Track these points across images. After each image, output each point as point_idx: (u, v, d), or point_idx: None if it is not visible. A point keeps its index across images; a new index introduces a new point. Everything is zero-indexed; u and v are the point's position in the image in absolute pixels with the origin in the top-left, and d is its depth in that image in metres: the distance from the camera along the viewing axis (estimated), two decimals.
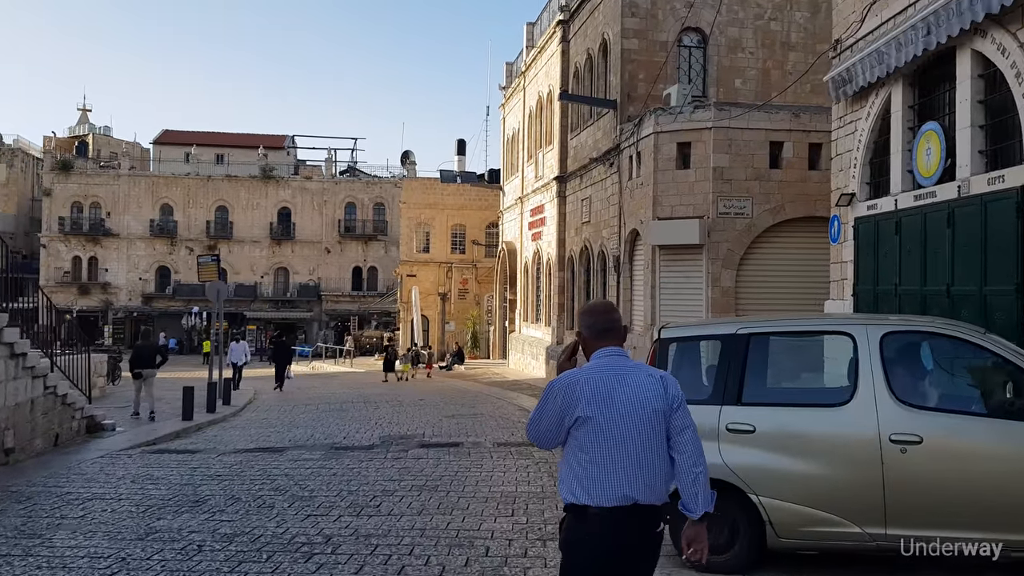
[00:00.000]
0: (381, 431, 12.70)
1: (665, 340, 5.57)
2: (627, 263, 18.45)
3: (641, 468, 2.96)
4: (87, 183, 57.32)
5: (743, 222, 15.97)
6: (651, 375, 3.13)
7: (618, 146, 18.83)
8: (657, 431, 3.00)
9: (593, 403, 2.99)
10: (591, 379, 3.05)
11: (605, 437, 2.97)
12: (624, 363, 3.14)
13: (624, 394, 3.01)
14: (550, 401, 3.09)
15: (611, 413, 2.98)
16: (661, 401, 3.03)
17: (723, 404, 5.20)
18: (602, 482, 2.96)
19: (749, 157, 16.02)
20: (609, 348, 3.17)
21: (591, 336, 3.21)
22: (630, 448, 2.96)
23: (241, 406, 17.79)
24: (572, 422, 3.02)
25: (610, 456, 2.96)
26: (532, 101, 28.51)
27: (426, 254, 39.42)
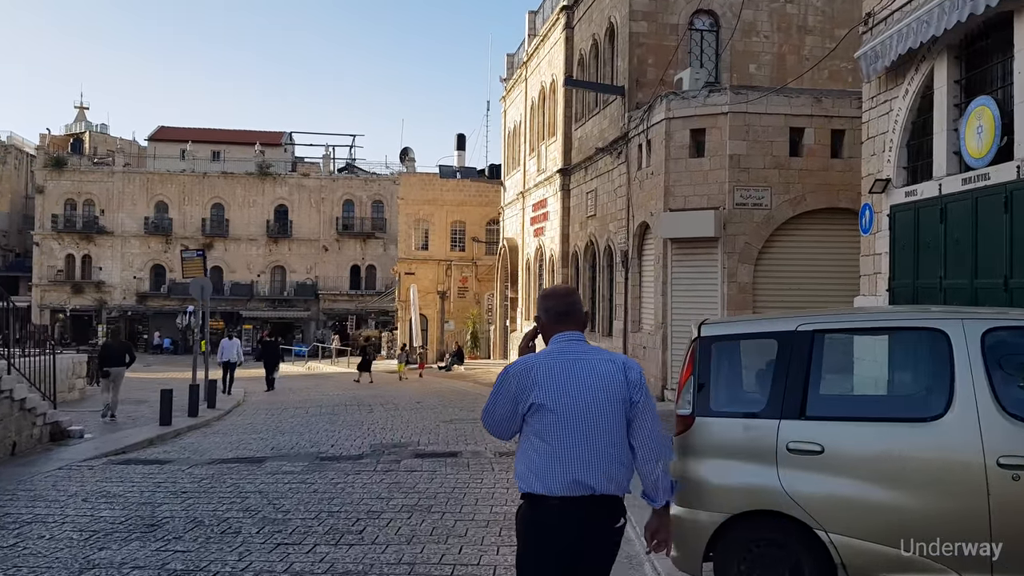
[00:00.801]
0: (373, 438, 11.69)
1: (708, 339, 4.54)
2: (636, 258, 17.44)
3: (599, 456, 2.84)
4: (81, 180, 56.32)
5: (761, 214, 14.95)
6: (611, 360, 2.97)
7: (626, 135, 17.81)
8: (616, 418, 2.87)
9: (548, 389, 2.87)
10: (547, 364, 2.91)
11: (561, 424, 2.85)
12: (582, 348, 2.99)
13: (581, 380, 2.88)
14: (504, 387, 2.96)
15: (567, 399, 2.85)
16: (621, 387, 2.89)
17: (782, 418, 4.18)
18: (557, 471, 2.83)
19: (768, 144, 15.00)
20: (567, 333, 3.02)
21: (549, 320, 3.07)
22: (587, 436, 2.84)
23: (227, 409, 16.79)
24: (527, 409, 2.90)
25: (566, 444, 2.84)
26: (534, 92, 27.49)
27: (425, 251, 38.38)
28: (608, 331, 19.51)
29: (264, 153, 57.98)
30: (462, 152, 40.61)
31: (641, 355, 16.83)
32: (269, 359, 24.13)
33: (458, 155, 40.37)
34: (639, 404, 2.90)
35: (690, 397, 4.41)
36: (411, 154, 55.92)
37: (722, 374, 4.52)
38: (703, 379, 4.40)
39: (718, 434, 4.31)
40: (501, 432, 3.06)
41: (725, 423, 4.32)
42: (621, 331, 17.86)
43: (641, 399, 2.91)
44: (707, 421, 4.33)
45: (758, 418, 4.25)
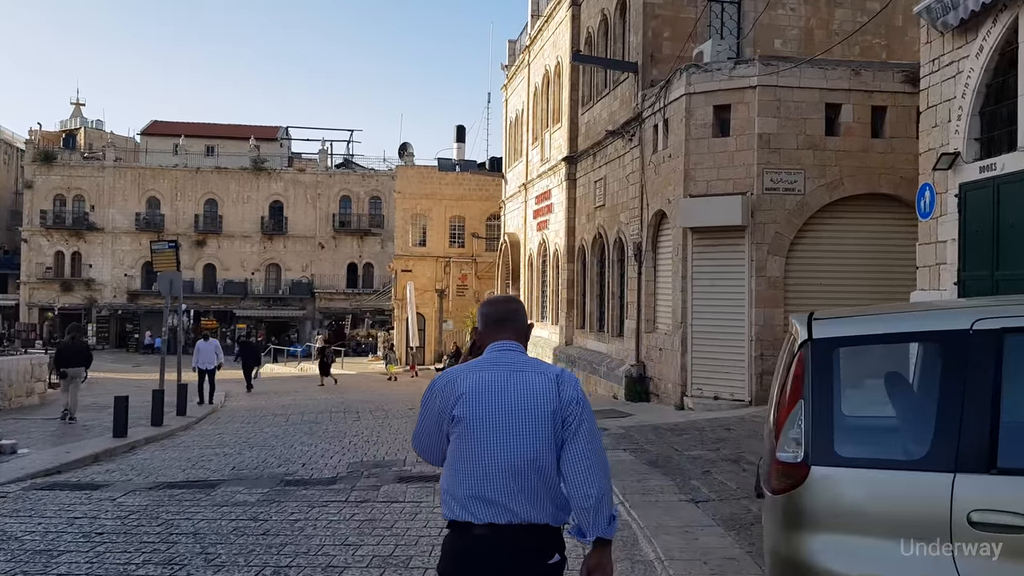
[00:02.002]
0: (353, 454, 10.09)
1: (827, 343, 2.92)
2: (650, 251, 15.82)
3: (523, 480, 2.53)
4: (70, 175, 54.72)
5: (793, 200, 13.34)
6: (544, 373, 2.65)
7: (639, 115, 16.20)
8: (545, 438, 2.57)
9: (470, 401, 2.58)
10: (472, 375, 2.64)
11: (481, 441, 2.56)
12: (515, 358, 2.69)
13: (508, 393, 2.59)
14: (428, 404, 2.70)
15: (488, 413, 2.57)
16: (552, 403, 2.58)
17: (957, 471, 2.57)
18: (478, 494, 2.54)
19: (800, 122, 13.39)
20: (503, 342, 2.73)
21: (484, 328, 2.79)
22: (510, 455, 2.54)
23: (199, 417, 15.19)
24: (450, 425, 2.62)
25: (486, 464, 2.55)
26: (538, 77, 25.87)
27: (422, 248, 36.74)
28: (619, 331, 17.90)
29: (259, 148, 56.36)
30: (462, 144, 39.01)
31: (657, 357, 15.22)
32: (247, 360, 23.53)
33: (457, 147, 38.77)
34: (572, 424, 2.59)
35: (799, 434, 2.80)
36: (410, 149, 54.12)
37: (852, 398, 2.90)
38: (821, 406, 2.78)
39: (849, 495, 2.71)
40: (431, 456, 2.78)
41: (861, 477, 2.71)
42: (633, 331, 16.25)
43: (575, 419, 2.60)
44: (830, 474, 2.72)
45: (916, 471, 2.64)
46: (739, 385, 13.39)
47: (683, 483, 7.82)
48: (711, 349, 13.74)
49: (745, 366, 13.29)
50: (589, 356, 19.05)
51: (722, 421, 11.86)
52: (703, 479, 8.04)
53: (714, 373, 13.64)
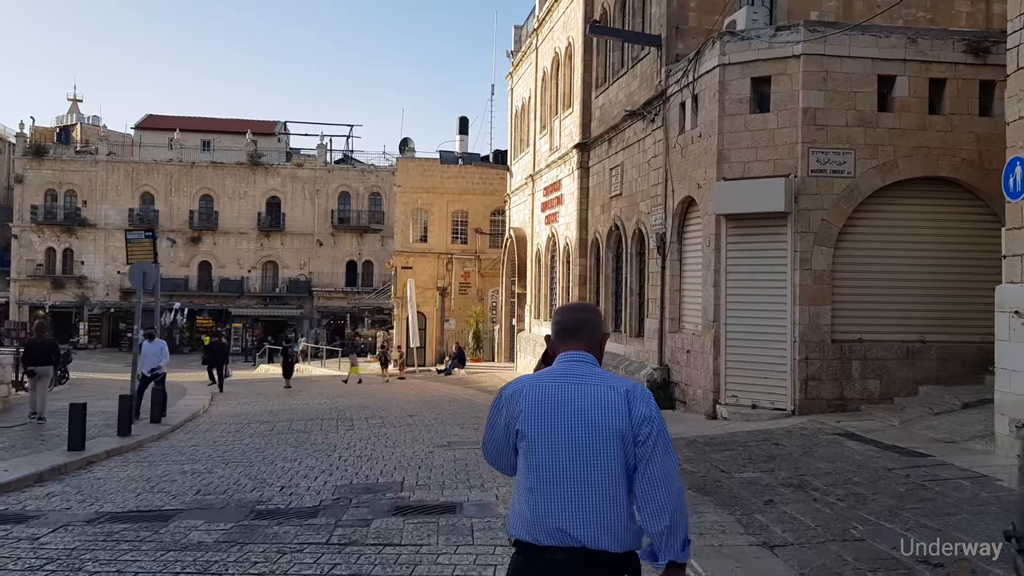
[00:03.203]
0: (342, 474, 8.59)
1: None
2: (675, 242, 14.32)
3: (587, 502, 2.39)
4: (62, 169, 53.29)
5: (842, 183, 11.83)
6: (614, 387, 2.52)
7: (663, 92, 14.69)
8: (613, 457, 2.42)
9: (532, 416, 2.48)
10: (536, 387, 2.54)
11: (543, 459, 2.44)
12: (583, 370, 2.56)
13: (572, 408, 2.46)
14: (496, 413, 2.61)
15: (551, 430, 2.45)
16: (621, 421, 2.44)
17: None
18: (540, 515, 2.41)
19: (850, 96, 11.88)
20: (573, 352, 2.62)
21: (556, 337, 2.70)
22: (572, 476, 2.41)
23: (175, 424, 13.69)
24: (516, 438, 2.52)
25: (546, 483, 2.42)
26: (546, 61, 24.37)
27: (424, 244, 35.22)
28: (638, 332, 16.40)
29: (257, 143, 54.88)
30: (464, 137, 37.45)
31: (683, 361, 13.72)
32: (214, 361, 22.86)
33: (460, 140, 37.21)
34: (646, 444, 2.43)
35: None
36: (411, 144, 52.66)
37: None
38: None
39: None
40: (502, 466, 2.66)
41: None
42: (656, 332, 14.75)
43: (649, 439, 2.43)
44: None
45: None
46: (780, 392, 11.88)
47: (745, 518, 6.33)
48: (748, 351, 12.23)
49: (787, 371, 11.79)
50: (604, 358, 17.52)
51: (766, 434, 10.35)
52: (769, 513, 6.54)
53: (751, 378, 12.13)
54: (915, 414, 11.16)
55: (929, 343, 11.96)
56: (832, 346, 11.72)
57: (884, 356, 11.87)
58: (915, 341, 11.96)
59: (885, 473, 7.99)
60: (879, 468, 8.20)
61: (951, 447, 9.23)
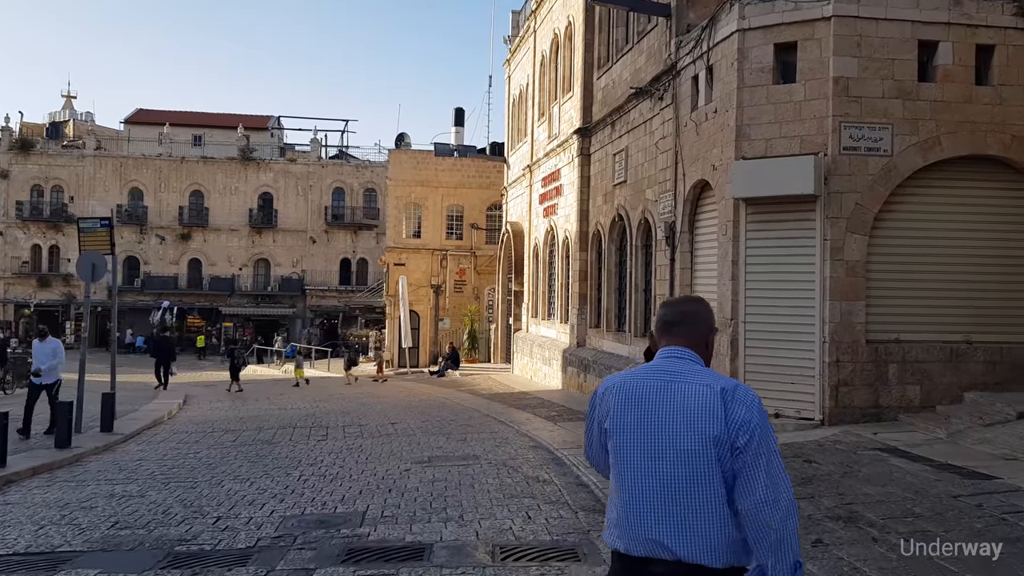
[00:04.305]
0: (295, 500, 7.18)
1: None
2: (687, 232, 12.91)
3: (678, 511, 2.19)
4: (49, 164, 51.84)
5: (878, 162, 10.43)
6: (708, 385, 2.26)
7: (673, 66, 13.30)
8: (707, 464, 2.19)
9: (619, 416, 2.32)
10: (626, 385, 2.36)
11: (630, 462, 2.27)
12: (678, 367, 2.33)
13: (660, 408, 2.26)
14: (591, 412, 2.48)
15: (637, 430, 2.27)
16: (715, 424, 2.19)
17: None
18: (630, 523, 2.24)
19: (887, 64, 10.47)
20: (671, 348, 2.40)
21: (656, 332, 2.50)
22: (662, 482, 2.21)
23: (129, 433, 12.28)
24: (606, 439, 2.37)
25: (635, 489, 2.25)
26: (545, 44, 22.98)
27: (417, 239, 33.78)
28: (643, 330, 14.99)
29: (249, 138, 53.43)
30: (460, 128, 36.14)
31: None
32: (161, 356, 22.25)
33: (455, 132, 35.89)
34: (745, 453, 2.17)
35: None
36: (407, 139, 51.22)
37: None
38: None
39: None
40: (600, 467, 2.49)
41: None
42: None
43: (750, 446, 2.17)
44: None
45: None
46: (807, 400, 10.48)
47: None
48: (770, 353, 10.83)
49: (815, 375, 10.40)
50: (606, 360, 16.14)
51: (795, 448, 8.94)
52: (821, 560, 5.15)
53: (774, 384, 10.72)
54: (963, 425, 9.78)
55: (975, 344, 10.58)
56: (866, 347, 10.33)
57: (925, 358, 10.48)
58: (959, 342, 10.58)
59: (951, 502, 6.59)
60: (941, 495, 6.80)
61: (1017, 466, 7.85)
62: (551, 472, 8.34)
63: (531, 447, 10.30)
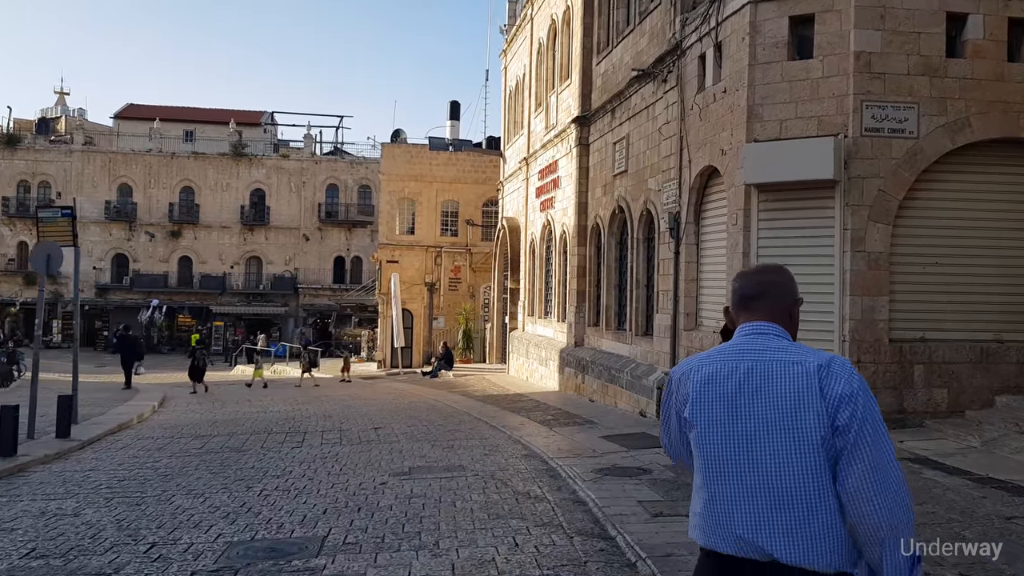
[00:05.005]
0: (250, 521, 6.27)
1: None
2: (692, 223, 12.01)
3: (773, 506, 1.93)
4: (36, 159, 50.86)
5: (903, 145, 9.54)
6: (801, 362, 2.00)
7: (678, 46, 12.39)
8: (806, 450, 1.93)
9: (700, 402, 2.08)
10: (707, 367, 2.11)
11: (715, 452, 2.03)
12: (765, 343, 2.08)
13: (748, 390, 2.02)
14: (668, 400, 2.23)
15: (723, 417, 2.02)
16: (813, 405, 1.95)
17: None
18: (717, 518, 2.01)
19: (912, 38, 9.58)
20: (753, 324, 2.14)
21: (733, 307, 2.25)
22: (754, 472, 1.96)
23: (87, 439, 11.33)
24: (686, 428, 2.14)
25: (723, 482, 2.01)
26: (542, 31, 22.08)
27: (411, 236, 32.83)
28: (645, 329, 14.10)
29: (241, 133, 52.45)
30: (456, 122, 35.22)
31: None
32: (126, 354, 21.78)
33: (451, 125, 34.97)
34: (847, 432, 1.92)
35: None
36: (403, 136, 50.40)
37: None
38: None
39: None
40: (683, 459, 2.26)
41: None
42: (667, 329, 12.44)
43: (852, 424, 1.92)
44: None
45: None
46: None
47: None
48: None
49: None
50: (606, 360, 15.24)
51: None
52: None
53: None
54: (997, 432, 8.91)
55: (1007, 343, 9.70)
56: (890, 347, 9.44)
57: (953, 359, 9.60)
58: (990, 341, 9.70)
59: (1004, 524, 5.70)
60: (991, 515, 5.91)
61: None
62: (544, 486, 7.44)
63: (523, 456, 9.39)
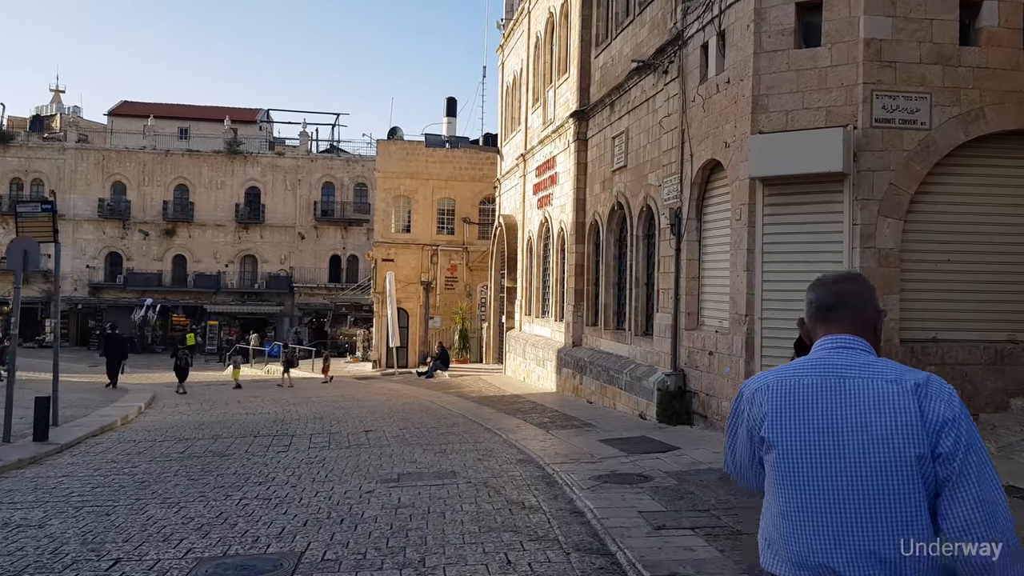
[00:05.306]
0: (223, 534, 5.86)
1: None
2: (694, 219, 11.60)
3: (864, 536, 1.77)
4: (28, 157, 50.33)
5: (915, 136, 9.14)
6: (896, 380, 1.83)
7: (679, 36, 11.99)
8: (902, 476, 1.77)
9: (780, 421, 1.89)
10: (786, 383, 1.92)
11: (798, 477, 1.84)
12: (852, 359, 1.90)
13: (836, 411, 1.83)
14: (736, 419, 2.04)
15: (808, 439, 1.84)
16: (912, 428, 1.77)
17: None
18: (798, 548, 1.83)
19: (925, 24, 9.18)
20: (835, 338, 1.96)
21: (809, 319, 2.08)
22: (842, 499, 1.80)
23: (66, 443, 10.90)
24: (761, 449, 1.95)
25: (807, 508, 1.83)
26: (540, 25, 21.66)
27: (407, 234, 32.40)
28: (645, 329, 13.70)
29: (236, 131, 51.97)
30: (452, 119, 34.76)
31: (704, 365, 11.01)
32: (113, 354, 21.52)
33: (447, 122, 34.53)
34: (951, 460, 1.75)
35: None
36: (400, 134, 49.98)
37: None
38: None
39: None
40: (749, 484, 2.09)
41: None
42: (668, 329, 12.04)
43: (957, 452, 1.75)
44: None
45: None
46: None
47: None
48: (790, 354, 9.51)
49: None
50: (604, 361, 14.83)
51: None
52: None
53: None
54: (1014, 437, 8.52)
55: (1022, 344, 9.30)
56: (901, 347, 9.04)
57: (966, 360, 9.20)
58: (1004, 341, 9.31)
59: None
60: None
61: None
62: (539, 495, 7.03)
63: (518, 461, 8.98)
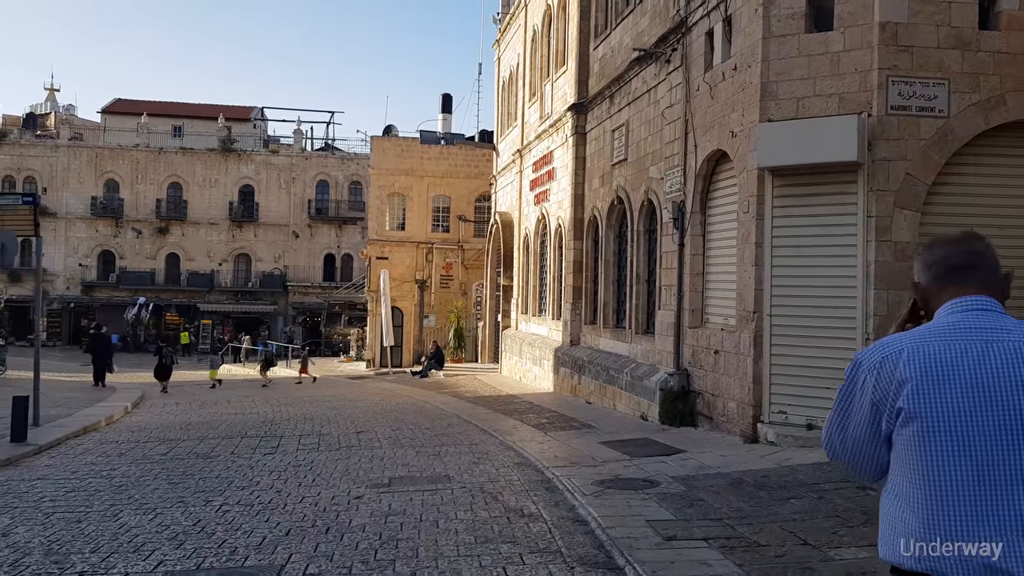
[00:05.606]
0: (198, 544, 5.43)
1: None
2: (698, 212, 11.19)
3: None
4: (21, 154, 49.77)
5: (933, 124, 8.74)
6: None
7: (682, 23, 11.57)
8: None
9: (924, 388, 1.66)
10: (923, 348, 1.71)
11: (949, 451, 1.63)
12: (991, 321, 1.74)
13: (991, 375, 1.64)
14: (854, 388, 1.80)
15: (962, 408, 1.64)
16: None
17: None
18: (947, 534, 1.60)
19: (943, 8, 8.78)
20: (967, 299, 1.79)
21: (933, 280, 1.85)
22: (1006, 478, 1.60)
23: (46, 444, 10.44)
24: (893, 423, 1.71)
25: (965, 492, 1.61)
26: (537, 17, 21.24)
27: (401, 232, 31.94)
28: (646, 327, 13.28)
29: (230, 129, 51.45)
30: (448, 116, 34.36)
31: (709, 364, 10.59)
32: (99, 353, 21.46)
33: (443, 118, 34.12)
34: None
35: None
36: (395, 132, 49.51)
37: None
38: None
39: None
40: (862, 469, 1.81)
41: None
42: (670, 327, 11.62)
43: None
44: None
45: None
46: None
47: None
48: (801, 352, 9.12)
49: None
50: (604, 360, 14.42)
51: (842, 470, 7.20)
52: None
53: (806, 388, 9.01)
54: None
55: None
56: None
57: None
58: None
59: None
60: None
61: None
62: (539, 501, 6.60)
63: (516, 464, 8.55)
